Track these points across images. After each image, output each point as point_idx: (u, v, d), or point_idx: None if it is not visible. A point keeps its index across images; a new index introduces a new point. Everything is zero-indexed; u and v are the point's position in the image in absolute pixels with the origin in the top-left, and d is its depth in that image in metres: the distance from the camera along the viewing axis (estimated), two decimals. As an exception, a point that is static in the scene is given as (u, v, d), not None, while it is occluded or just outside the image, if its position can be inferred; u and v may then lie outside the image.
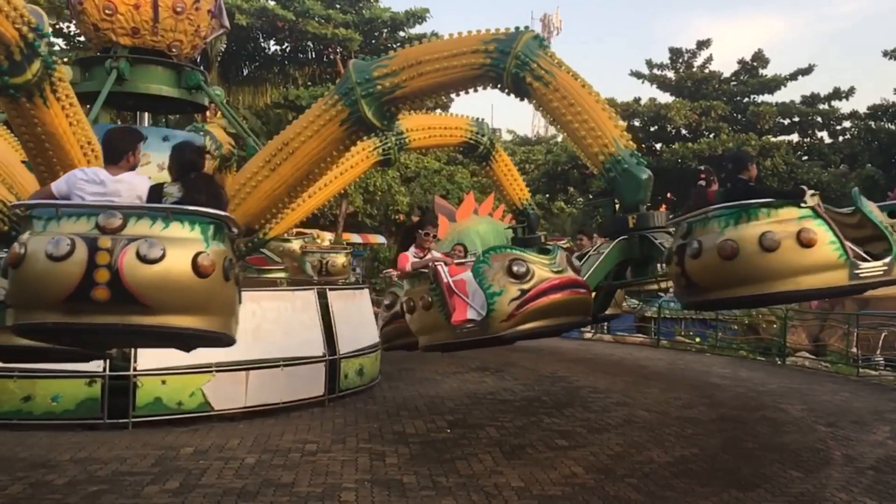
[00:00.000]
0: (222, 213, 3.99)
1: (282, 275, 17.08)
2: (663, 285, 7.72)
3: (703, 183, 7.06)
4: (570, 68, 6.67)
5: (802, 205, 5.11)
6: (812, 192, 5.20)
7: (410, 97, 7.39)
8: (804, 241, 4.97)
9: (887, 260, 5.23)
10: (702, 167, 7.71)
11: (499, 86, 6.88)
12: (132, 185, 4.13)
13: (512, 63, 6.57)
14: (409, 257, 6.67)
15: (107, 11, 9.45)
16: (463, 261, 6.95)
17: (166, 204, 3.96)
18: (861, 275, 5.11)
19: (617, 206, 7.02)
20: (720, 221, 5.24)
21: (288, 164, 8.39)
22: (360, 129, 7.79)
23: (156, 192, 4.15)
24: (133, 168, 4.29)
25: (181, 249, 3.69)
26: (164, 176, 9.34)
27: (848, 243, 5.10)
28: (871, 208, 5.60)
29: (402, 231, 7.54)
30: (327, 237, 24.96)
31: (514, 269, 5.59)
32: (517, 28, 6.78)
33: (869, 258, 5.22)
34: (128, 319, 3.66)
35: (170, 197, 4.12)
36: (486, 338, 5.75)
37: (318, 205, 11.57)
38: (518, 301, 5.57)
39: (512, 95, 6.88)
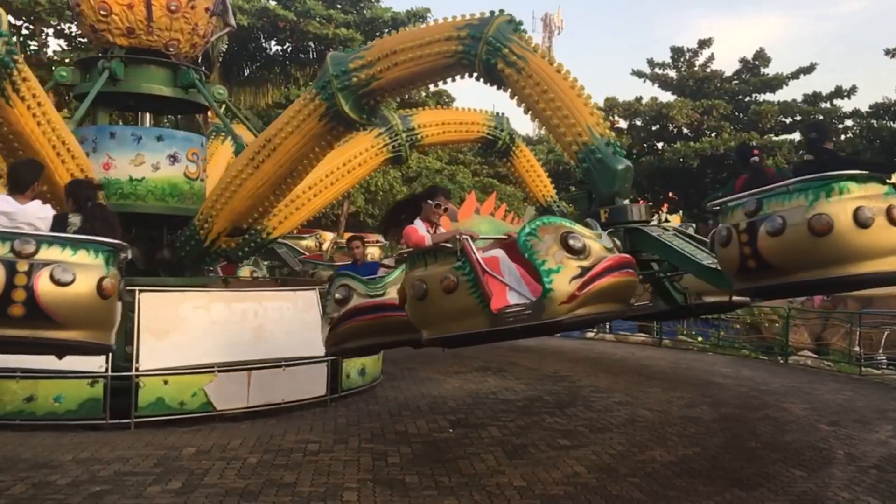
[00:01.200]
0: (117, 241, 4.51)
1: (258, 273, 17.22)
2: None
3: (756, 159, 6.44)
4: (544, 52, 6.30)
5: (888, 181, 4.81)
6: None
7: (387, 89, 7.12)
8: (894, 219, 4.59)
9: None
10: (752, 143, 7.31)
11: (474, 74, 6.56)
12: (37, 214, 4.59)
13: (483, 49, 6.27)
14: (421, 230, 5.36)
15: (102, 12, 9.45)
16: (487, 237, 5.69)
17: (69, 232, 4.50)
18: None
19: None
20: (808, 195, 4.64)
21: (271, 161, 8.27)
22: (340, 123, 7.57)
23: (60, 221, 4.64)
24: (37, 197, 4.77)
25: (88, 274, 4.23)
26: (158, 176, 9.47)
27: None
28: None
29: (403, 203, 6.23)
30: (329, 237, 25.00)
31: (571, 242, 4.67)
32: (491, 12, 6.43)
33: None
34: (38, 333, 4.16)
35: (73, 226, 4.61)
36: (539, 324, 4.65)
37: (324, 203, 11.47)
38: (580, 280, 4.62)
39: (488, 84, 6.52)
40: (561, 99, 6.10)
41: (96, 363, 7.84)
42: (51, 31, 24.78)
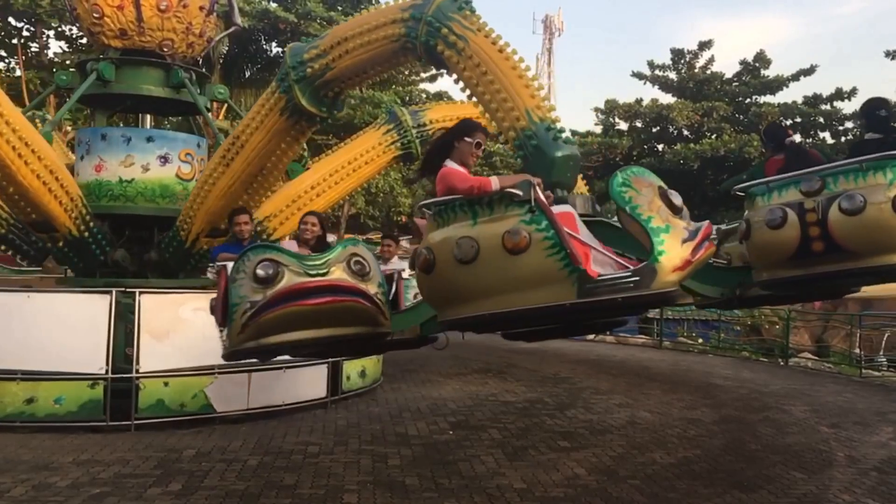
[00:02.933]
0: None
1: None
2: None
3: (794, 139, 6.05)
4: (489, 31, 5.83)
5: None
6: None
7: (342, 79, 6.80)
8: None
9: None
10: (785, 123, 6.62)
11: (421, 58, 6.22)
12: None
13: (423, 30, 5.87)
14: (462, 171, 4.15)
15: (95, 15, 9.46)
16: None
17: None
18: None
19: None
20: (886, 172, 4.31)
21: (239, 159, 8.09)
22: (301, 118, 7.29)
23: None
24: None
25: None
26: (148, 177, 9.43)
27: None
28: None
29: (439, 144, 4.47)
30: (330, 238, 25.03)
31: (672, 199, 3.90)
32: None
33: None
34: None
35: None
36: (643, 297, 3.62)
37: (327, 203, 11.25)
38: (692, 243, 3.76)
39: (435, 68, 6.19)
40: (500, 81, 5.63)
41: (96, 365, 7.85)
42: (51, 33, 24.81)
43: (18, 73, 23.72)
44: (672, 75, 35.10)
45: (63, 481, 6.17)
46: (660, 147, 33.37)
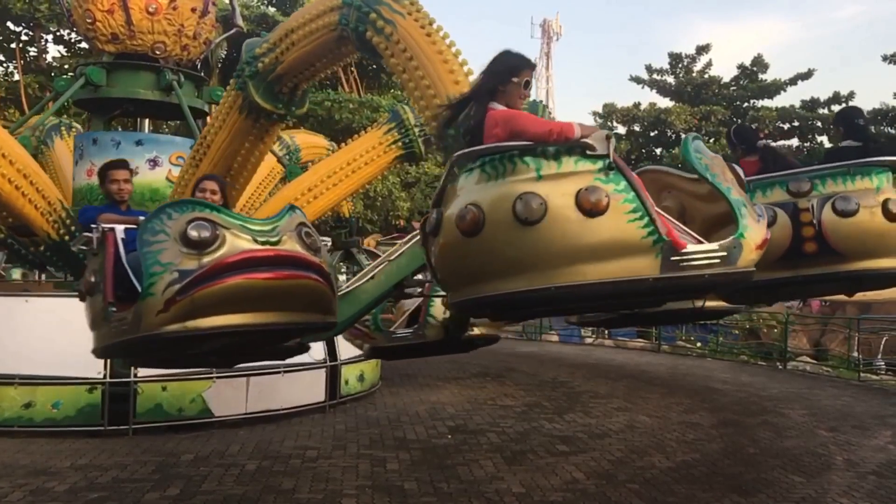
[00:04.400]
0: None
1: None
2: None
3: (767, 142, 5.92)
4: (419, 15, 5.46)
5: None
6: None
7: (293, 73, 6.53)
8: None
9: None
10: (754, 125, 6.47)
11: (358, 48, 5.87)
12: None
13: (353, 16, 5.53)
14: (530, 114, 3.59)
15: (88, 20, 9.47)
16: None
17: None
18: None
19: None
20: (873, 178, 4.34)
21: (206, 160, 7.90)
22: (260, 116, 7.02)
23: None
24: None
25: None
26: (137, 181, 9.33)
27: None
28: None
29: (472, 95, 3.66)
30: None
31: (738, 174, 3.66)
32: None
33: None
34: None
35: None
36: (731, 273, 3.13)
37: (326, 206, 11.06)
38: (765, 222, 3.50)
39: (370, 58, 5.82)
40: (424, 66, 5.27)
41: (94, 370, 7.84)
42: (50, 37, 24.83)
43: (17, 77, 23.74)
44: (670, 79, 35.18)
45: (61, 486, 6.15)
46: (658, 151, 33.43)
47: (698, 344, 17.58)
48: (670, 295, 3.66)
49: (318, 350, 9.32)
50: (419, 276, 5.25)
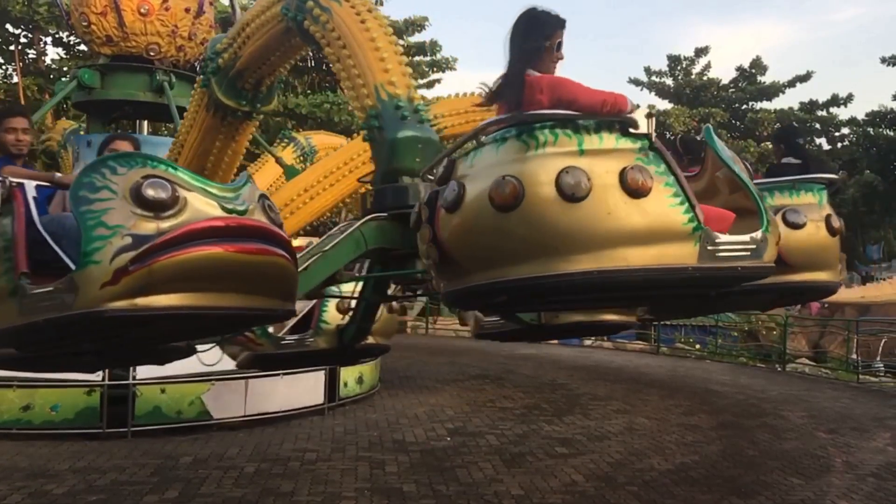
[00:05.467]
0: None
1: None
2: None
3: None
4: (356, 1, 5.14)
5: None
6: None
7: (252, 67, 6.35)
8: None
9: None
10: (699, 137, 6.53)
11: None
12: None
13: (293, 5, 5.26)
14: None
15: (84, 24, 9.48)
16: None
17: None
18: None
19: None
20: (815, 194, 4.43)
21: (180, 160, 7.61)
22: (227, 114, 6.86)
23: None
24: None
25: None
26: None
27: None
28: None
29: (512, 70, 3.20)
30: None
31: (749, 167, 3.67)
32: None
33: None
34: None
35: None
36: (759, 267, 2.99)
37: (322, 208, 10.90)
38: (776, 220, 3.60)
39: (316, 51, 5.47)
40: (356, 55, 4.90)
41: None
42: (49, 39, 24.82)
43: (16, 79, 23.73)
44: (669, 81, 35.25)
45: (59, 489, 6.14)
46: (657, 153, 33.46)
47: (697, 346, 17.59)
48: (703, 286, 3.40)
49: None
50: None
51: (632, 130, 2.81)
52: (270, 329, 5.25)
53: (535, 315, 4.94)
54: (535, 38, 3.17)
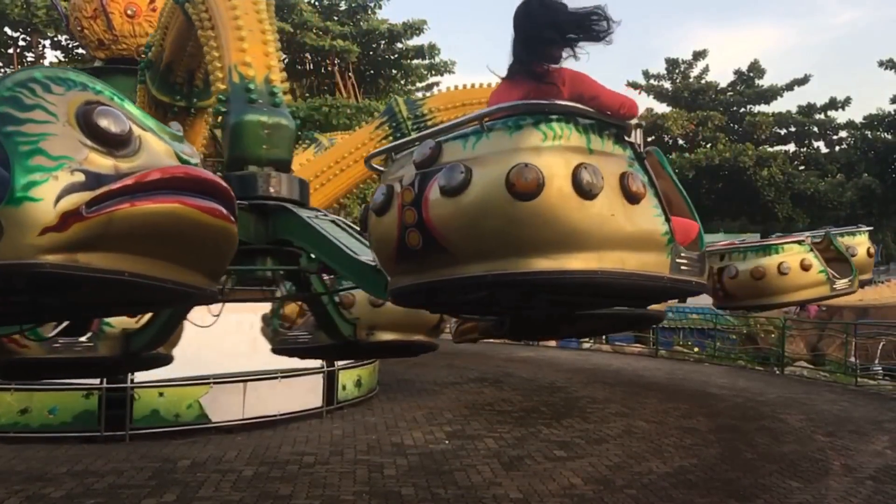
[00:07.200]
0: None
1: None
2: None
3: None
4: None
5: None
6: None
7: (176, 60, 6.21)
8: None
9: None
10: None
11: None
12: None
13: None
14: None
15: (78, 28, 9.49)
16: None
17: None
18: None
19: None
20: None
21: None
22: (164, 109, 6.73)
23: None
24: None
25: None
26: None
27: None
28: None
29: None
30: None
31: None
32: None
33: None
34: None
35: None
36: (702, 283, 3.06)
37: (316, 206, 10.97)
38: None
39: None
40: (219, 36, 4.56)
41: (91, 375, 7.83)
42: (47, 42, 24.86)
43: (14, 82, 23.72)
44: (667, 85, 35.34)
45: (57, 492, 6.13)
46: (655, 156, 33.53)
47: (696, 349, 17.59)
48: (666, 296, 3.48)
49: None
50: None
51: (627, 138, 2.78)
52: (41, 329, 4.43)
53: (352, 331, 4.68)
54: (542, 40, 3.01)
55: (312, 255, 4.12)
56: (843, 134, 33.15)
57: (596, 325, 5.16)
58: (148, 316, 4.68)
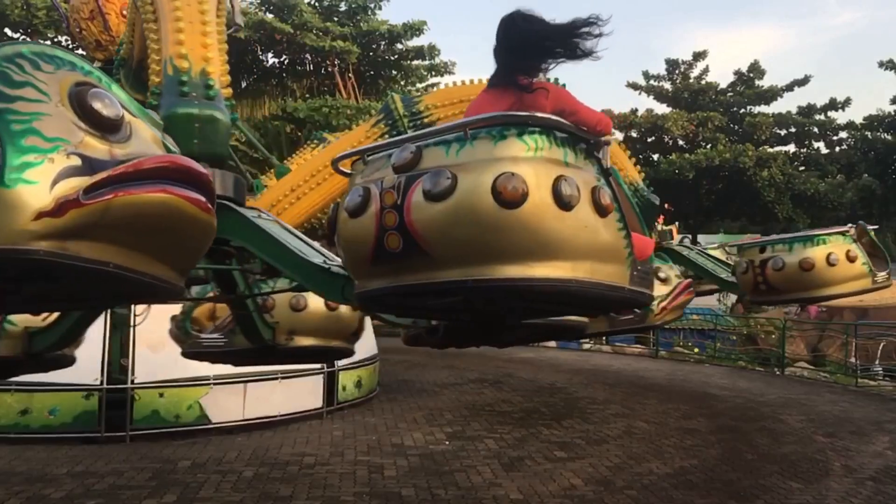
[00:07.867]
0: None
1: None
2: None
3: None
4: None
5: None
6: None
7: (138, 52, 5.86)
8: None
9: None
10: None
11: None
12: None
13: None
14: None
15: (77, 30, 9.49)
16: None
17: None
18: None
19: None
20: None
21: None
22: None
23: None
24: None
25: None
26: None
27: None
28: None
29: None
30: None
31: None
32: None
33: None
34: None
35: None
36: (647, 295, 3.16)
37: (310, 207, 10.70)
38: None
39: None
40: (159, 29, 4.32)
41: (91, 376, 7.82)
42: (48, 43, 24.89)
43: (14, 83, 23.73)
44: (667, 86, 35.32)
45: (57, 493, 6.13)
46: (655, 157, 33.52)
47: (696, 350, 17.59)
48: (623, 307, 3.64)
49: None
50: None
51: (597, 154, 2.87)
52: None
53: (271, 335, 4.64)
54: (525, 58, 3.12)
55: (255, 256, 3.97)
56: (843, 135, 33.13)
57: (528, 334, 4.97)
58: (55, 315, 4.40)
